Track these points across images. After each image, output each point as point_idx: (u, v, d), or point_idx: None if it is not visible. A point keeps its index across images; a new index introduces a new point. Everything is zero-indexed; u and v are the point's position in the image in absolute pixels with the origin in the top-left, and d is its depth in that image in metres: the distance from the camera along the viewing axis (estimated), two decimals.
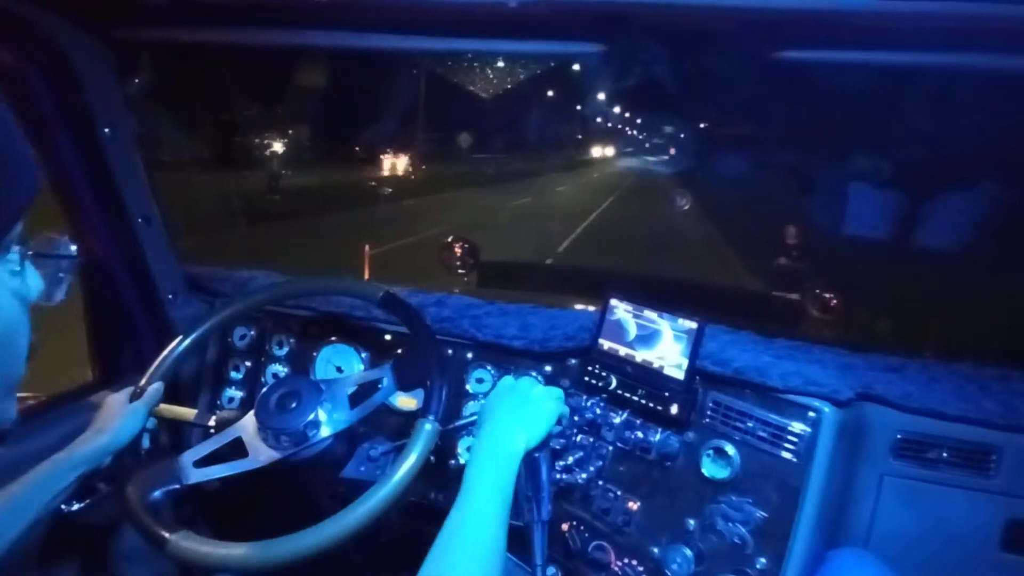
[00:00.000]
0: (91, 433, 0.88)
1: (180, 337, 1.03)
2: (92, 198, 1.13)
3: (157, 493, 0.84)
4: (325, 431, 0.91)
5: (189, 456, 0.88)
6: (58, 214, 1.15)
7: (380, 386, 0.96)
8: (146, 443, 0.93)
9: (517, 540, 0.85)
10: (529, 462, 0.82)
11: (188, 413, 1.00)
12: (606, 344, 1.05)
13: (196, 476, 0.86)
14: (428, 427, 0.88)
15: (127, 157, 1.14)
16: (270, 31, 1.07)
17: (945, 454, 0.95)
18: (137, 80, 1.14)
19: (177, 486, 0.86)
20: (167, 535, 0.78)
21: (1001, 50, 0.83)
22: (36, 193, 0.48)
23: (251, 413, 0.92)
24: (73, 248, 0.65)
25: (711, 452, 0.95)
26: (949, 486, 0.95)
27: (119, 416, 0.90)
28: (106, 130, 1.09)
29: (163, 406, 0.98)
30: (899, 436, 0.96)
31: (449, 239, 1.92)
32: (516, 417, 0.80)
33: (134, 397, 0.94)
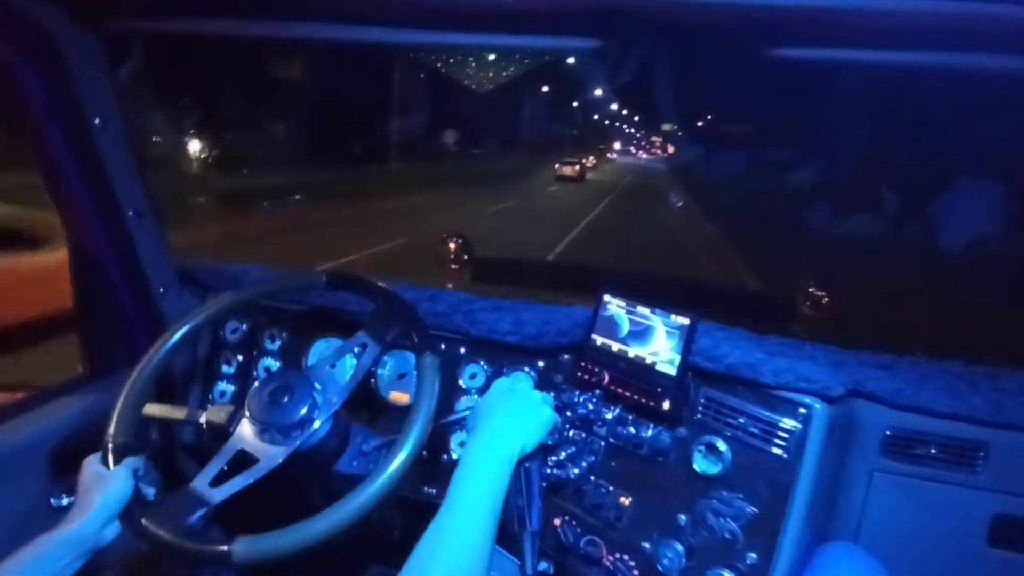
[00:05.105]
0: (75, 511, 0.77)
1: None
2: (83, 191, 1.12)
3: (192, 519, 0.80)
4: (324, 412, 0.91)
5: (202, 480, 0.84)
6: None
7: (365, 349, 0.97)
8: (150, 493, 0.86)
9: (511, 537, 0.85)
10: (521, 471, 0.82)
11: (178, 412, 0.98)
12: (599, 340, 1.05)
13: (222, 493, 0.83)
14: (430, 359, 0.89)
15: (119, 150, 1.13)
16: (263, 22, 1.06)
17: (934, 450, 0.96)
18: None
19: (204, 509, 0.81)
20: (227, 548, 0.75)
21: (1000, 50, 0.83)
22: None
23: (244, 421, 0.90)
24: None
25: (703, 448, 0.96)
26: (937, 482, 0.96)
27: (97, 487, 0.79)
28: (97, 122, 1.08)
29: (152, 405, 0.97)
30: (889, 432, 0.97)
31: (444, 236, 1.92)
32: (513, 422, 0.78)
33: (107, 459, 0.83)
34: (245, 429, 0.90)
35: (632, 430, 1.01)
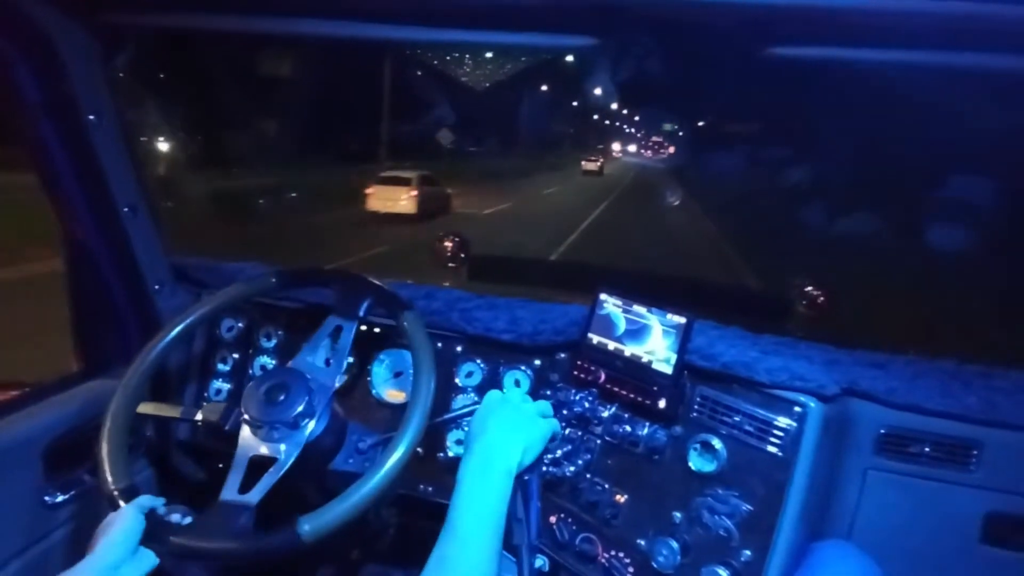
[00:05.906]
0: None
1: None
2: (77, 187, 1.11)
3: (241, 523, 0.79)
4: (323, 398, 0.92)
5: (229, 491, 0.83)
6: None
7: (341, 330, 0.99)
8: (179, 519, 0.85)
9: (508, 542, 0.84)
10: (520, 484, 0.80)
11: (173, 410, 0.97)
12: (595, 338, 1.05)
13: (257, 494, 0.82)
14: (411, 314, 0.93)
15: (113, 145, 1.13)
16: (258, 18, 1.05)
17: (927, 449, 0.96)
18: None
19: (248, 512, 0.81)
20: (295, 531, 0.75)
21: (998, 50, 0.83)
22: None
23: (245, 429, 0.89)
24: None
25: (698, 446, 0.96)
26: (931, 480, 0.96)
27: (103, 530, 0.76)
28: (91, 117, 1.07)
29: (147, 404, 0.96)
30: (883, 431, 0.98)
31: (440, 234, 1.92)
32: (510, 436, 0.76)
33: (115, 504, 0.81)
34: (248, 436, 0.89)
35: (628, 428, 1.01)
